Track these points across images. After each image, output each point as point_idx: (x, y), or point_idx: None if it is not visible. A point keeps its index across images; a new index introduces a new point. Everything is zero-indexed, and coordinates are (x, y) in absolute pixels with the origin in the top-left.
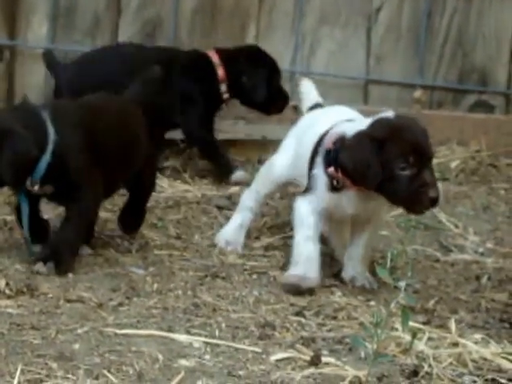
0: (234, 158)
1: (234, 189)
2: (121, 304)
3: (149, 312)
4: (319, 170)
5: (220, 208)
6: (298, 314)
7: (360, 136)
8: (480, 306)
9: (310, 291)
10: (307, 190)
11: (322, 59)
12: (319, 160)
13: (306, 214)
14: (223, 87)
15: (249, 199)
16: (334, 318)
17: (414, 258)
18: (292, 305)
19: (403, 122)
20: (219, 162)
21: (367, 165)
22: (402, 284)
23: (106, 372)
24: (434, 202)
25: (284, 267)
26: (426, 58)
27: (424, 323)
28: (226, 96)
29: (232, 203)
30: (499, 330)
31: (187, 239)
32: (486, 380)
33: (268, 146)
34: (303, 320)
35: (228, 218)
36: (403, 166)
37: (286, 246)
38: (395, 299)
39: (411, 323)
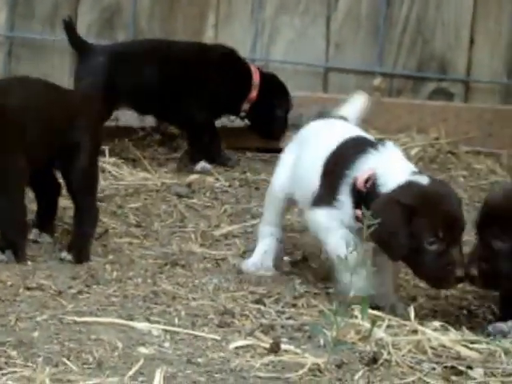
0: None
1: (193, 177)
2: (80, 292)
3: (108, 300)
4: (346, 199)
5: (180, 196)
6: (257, 301)
7: (389, 202)
8: (439, 293)
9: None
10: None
11: (281, 47)
12: (345, 190)
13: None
14: (246, 106)
15: (264, 226)
16: (294, 305)
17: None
18: (251, 292)
19: (437, 190)
20: (195, 149)
21: (395, 236)
22: (362, 271)
23: (65, 360)
24: (459, 281)
25: (244, 255)
26: (386, 46)
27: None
28: (242, 114)
29: (191, 191)
30: (458, 317)
31: (147, 227)
32: (445, 367)
33: (227, 133)
34: (263, 308)
35: (188, 206)
36: (432, 240)
37: (246, 234)
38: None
39: (370, 311)
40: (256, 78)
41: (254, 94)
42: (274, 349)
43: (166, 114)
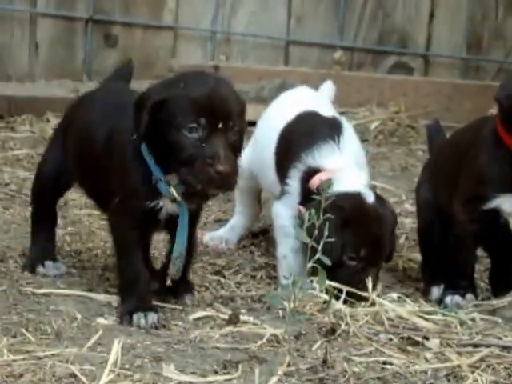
0: None
1: None
2: None
3: (67, 271)
4: (294, 183)
5: None
6: (217, 273)
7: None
8: (397, 265)
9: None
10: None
11: (242, 19)
12: (295, 176)
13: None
14: None
15: (237, 203)
16: (253, 277)
17: None
18: (211, 264)
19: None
20: None
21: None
22: (320, 244)
23: (23, 330)
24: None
25: (204, 227)
26: (346, 19)
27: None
28: None
29: None
30: (415, 289)
31: None
32: (402, 338)
33: None
34: (222, 279)
35: None
36: (352, 256)
37: (206, 206)
38: (313, 259)
39: (329, 282)
40: None
41: None
42: (233, 320)
43: None
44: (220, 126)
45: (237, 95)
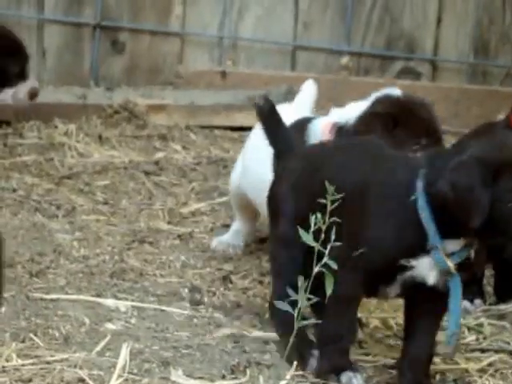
0: (162, 124)
1: (161, 154)
2: (47, 268)
3: (75, 276)
4: None
5: (147, 174)
6: (224, 278)
7: None
8: None
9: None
10: None
11: (249, 24)
12: None
13: None
14: None
15: (233, 208)
16: (260, 282)
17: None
18: (219, 269)
19: None
20: None
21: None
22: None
23: (32, 335)
24: None
25: (211, 232)
26: (354, 25)
27: None
28: None
29: (159, 169)
30: None
31: (114, 204)
32: None
33: (195, 111)
34: (230, 284)
35: (155, 184)
36: None
37: (214, 211)
38: (320, 263)
39: None
40: None
41: None
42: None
43: None
44: None
45: None
